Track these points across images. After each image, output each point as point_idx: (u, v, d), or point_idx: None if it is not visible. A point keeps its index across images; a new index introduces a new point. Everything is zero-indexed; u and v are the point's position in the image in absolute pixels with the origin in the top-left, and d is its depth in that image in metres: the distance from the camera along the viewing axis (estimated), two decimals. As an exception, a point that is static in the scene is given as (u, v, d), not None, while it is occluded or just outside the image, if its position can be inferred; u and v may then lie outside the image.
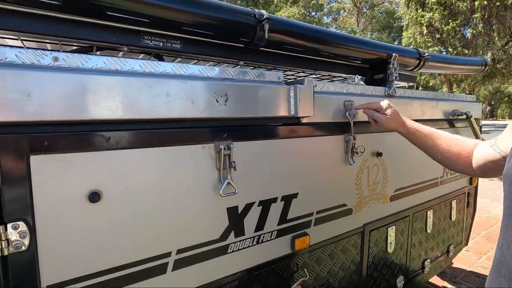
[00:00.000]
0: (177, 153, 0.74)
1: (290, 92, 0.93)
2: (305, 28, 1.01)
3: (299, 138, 0.99)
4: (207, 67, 0.80)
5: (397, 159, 1.34)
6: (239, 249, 0.87)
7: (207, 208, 0.80)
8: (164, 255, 0.74)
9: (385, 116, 1.04)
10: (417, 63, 1.48)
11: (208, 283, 0.82)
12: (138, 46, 0.82)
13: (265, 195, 0.91)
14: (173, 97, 0.72)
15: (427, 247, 1.62)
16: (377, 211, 1.29)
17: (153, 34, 0.82)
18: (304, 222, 1.02)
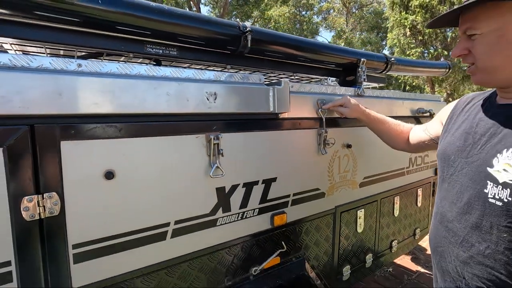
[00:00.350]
0: (175, 141, 0.91)
1: (269, 92, 1.11)
2: (283, 38, 1.20)
3: (278, 131, 1.17)
4: (200, 71, 0.97)
5: (365, 151, 1.54)
6: (226, 223, 1.05)
7: (200, 187, 0.97)
8: (164, 225, 0.91)
9: (348, 109, 1.26)
10: (385, 66, 1.68)
11: (200, 250, 1.00)
12: (141, 53, 0.98)
13: (248, 178, 1.09)
14: (172, 96, 0.88)
15: (394, 229, 1.83)
16: (347, 195, 1.49)
17: (154, 43, 0.99)
18: (282, 202, 1.21)
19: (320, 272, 1.40)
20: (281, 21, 19.15)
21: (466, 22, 0.72)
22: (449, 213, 0.79)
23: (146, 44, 0.97)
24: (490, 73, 0.72)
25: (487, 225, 0.69)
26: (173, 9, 0.93)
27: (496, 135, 0.71)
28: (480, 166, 0.71)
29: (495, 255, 0.68)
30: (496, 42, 0.68)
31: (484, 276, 0.70)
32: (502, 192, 0.66)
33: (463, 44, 0.74)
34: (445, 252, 0.80)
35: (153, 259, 0.90)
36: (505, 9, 0.66)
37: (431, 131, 1.08)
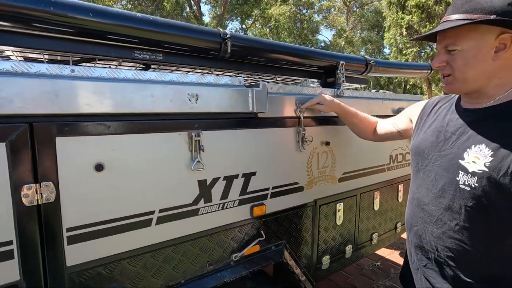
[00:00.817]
0: (159, 138, 1.01)
1: (248, 93, 1.21)
2: (261, 43, 1.30)
3: (257, 129, 1.27)
4: (182, 75, 1.08)
5: (344, 148, 1.64)
6: (208, 212, 1.15)
7: (182, 179, 1.07)
8: (149, 213, 1.01)
9: (324, 105, 1.39)
10: (365, 68, 1.78)
11: (183, 236, 1.10)
12: (130, 58, 1.08)
13: (229, 172, 1.19)
14: (156, 97, 0.99)
15: (374, 223, 1.93)
16: (326, 190, 1.59)
17: (141, 49, 1.09)
18: (262, 194, 1.31)
19: (299, 260, 1.51)
20: (281, 20, 19.21)
21: (447, 39, 0.83)
22: (425, 197, 0.94)
23: (134, 50, 1.07)
24: (464, 83, 0.84)
25: (457, 206, 0.84)
26: (157, 18, 1.03)
27: (464, 134, 0.85)
28: (453, 158, 0.85)
29: (462, 229, 0.83)
30: (472, 57, 0.80)
31: (453, 247, 0.86)
32: (471, 179, 0.79)
33: (442, 57, 0.85)
34: (421, 230, 0.95)
35: (139, 243, 1.01)
36: (480, 31, 0.78)
37: (399, 125, 1.27)
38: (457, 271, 0.86)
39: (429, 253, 0.93)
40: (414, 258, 1.01)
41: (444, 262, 0.89)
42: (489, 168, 0.76)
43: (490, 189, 0.76)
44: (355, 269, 2.83)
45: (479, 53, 0.79)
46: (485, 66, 0.80)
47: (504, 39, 0.77)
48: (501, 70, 0.81)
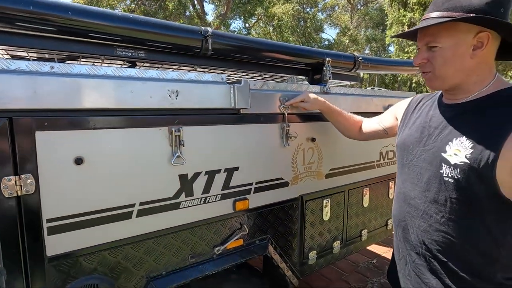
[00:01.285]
0: (139, 133, 1.04)
1: (230, 89, 1.23)
2: (243, 40, 1.32)
3: (240, 124, 1.29)
4: (163, 72, 1.10)
5: (331, 145, 1.65)
6: (189, 206, 1.18)
7: (163, 173, 1.10)
8: (130, 206, 1.04)
9: (308, 103, 1.39)
10: (353, 65, 1.78)
11: (164, 229, 1.13)
12: (112, 55, 1.11)
13: (211, 166, 1.22)
14: (135, 93, 1.02)
15: (364, 219, 1.94)
16: (313, 185, 1.60)
17: (123, 47, 1.12)
18: (245, 189, 1.33)
19: (285, 255, 1.53)
20: (284, 19, 19.17)
21: (428, 36, 0.85)
22: (412, 192, 0.96)
23: (116, 47, 1.10)
24: (444, 79, 0.86)
25: (442, 198, 0.86)
26: (137, 17, 1.06)
27: (446, 128, 0.88)
28: (436, 152, 0.88)
29: (448, 222, 0.86)
30: (451, 55, 0.82)
31: (440, 240, 0.88)
32: (454, 171, 0.82)
33: (423, 54, 0.87)
34: (408, 224, 0.97)
35: (119, 235, 1.04)
36: (460, 29, 0.81)
37: (384, 123, 1.29)
38: (444, 264, 0.88)
39: (417, 248, 0.95)
40: (403, 254, 1.03)
41: (431, 256, 0.91)
42: (470, 159, 0.78)
43: (472, 180, 0.79)
44: (350, 266, 2.84)
45: (457, 50, 0.81)
46: (463, 63, 0.82)
47: (481, 38, 0.79)
48: (478, 68, 0.84)
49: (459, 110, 0.88)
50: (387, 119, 1.29)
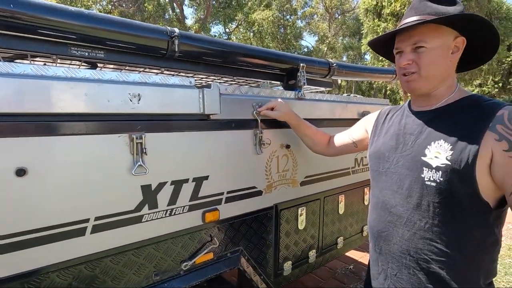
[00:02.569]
0: (95, 140, 0.94)
1: (199, 94, 1.16)
2: (212, 42, 1.26)
3: (210, 131, 1.22)
4: (123, 74, 1.01)
5: (306, 151, 1.61)
6: (153, 219, 1.09)
7: (122, 185, 1.01)
8: (83, 221, 0.94)
9: (277, 112, 1.34)
10: (328, 71, 1.77)
11: (124, 245, 1.03)
12: (66, 55, 1.01)
13: (177, 176, 1.14)
14: (90, 97, 0.92)
15: (340, 226, 1.92)
16: (287, 194, 1.56)
17: (79, 45, 1.02)
18: (215, 199, 1.26)
19: (259, 267, 1.46)
20: (264, 25, 19.36)
21: (416, 36, 0.86)
22: (392, 200, 0.94)
23: (70, 46, 1.00)
24: (427, 81, 0.88)
25: (425, 204, 0.86)
26: (94, 13, 0.97)
27: (422, 133, 0.90)
28: (415, 156, 0.89)
29: (432, 227, 0.85)
30: (437, 56, 0.85)
31: (425, 248, 0.86)
32: (436, 174, 0.83)
33: (409, 56, 0.88)
34: (390, 235, 0.94)
35: (70, 254, 0.93)
36: (443, 32, 0.84)
37: (354, 136, 1.29)
38: (430, 273, 0.86)
39: (401, 259, 0.92)
40: (382, 267, 0.99)
41: (416, 266, 0.89)
42: (451, 161, 0.80)
43: (454, 182, 0.80)
44: (327, 273, 2.82)
45: (442, 52, 0.85)
46: (445, 65, 0.86)
47: (458, 42, 0.86)
48: (451, 72, 0.90)
49: (432, 115, 0.91)
50: (357, 132, 1.28)
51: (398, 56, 0.93)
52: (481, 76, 7.64)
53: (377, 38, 1.00)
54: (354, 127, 1.32)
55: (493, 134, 0.77)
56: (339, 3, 23.13)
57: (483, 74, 7.45)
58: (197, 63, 1.32)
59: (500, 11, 6.47)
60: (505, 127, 0.76)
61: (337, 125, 1.75)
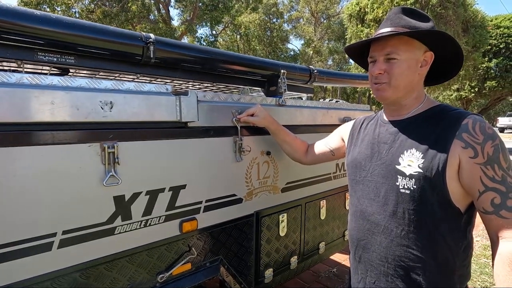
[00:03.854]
0: (62, 150, 0.90)
1: (176, 101, 1.13)
2: (189, 48, 1.24)
3: (187, 139, 1.19)
4: (95, 80, 0.98)
5: (287, 157, 1.61)
6: (127, 231, 1.05)
7: (93, 196, 0.96)
8: (49, 235, 0.89)
9: (257, 118, 1.34)
10: (309, 77, 1.78)
11: (95, 259, 0.99)
12: (32, 60, 0.96)
13: (153, 185, 1.10)
14: (57, 105, 0.88)
15: (321, 232, 1.93)
16: (268, 201, 1.55)
17: (47, 51, 0.97)
18: (193, 208, 1.23)
19: (239, 275, 1.44)
20: (251, 28, 19.43)
21: (389, 47, 0.89)
22: (370, 208, 0.96)
23: (37, 51, 0.96)
24: (396, 90, 0.91)
25: (401, 211, 0.88)
26: (61, 17, 0.93)
27: (395, 142, 0.93)
28: (389, 165, 0.91)
29: (408, 234, 0.87)
30: (407, 67, 0.88)
31: (402, 255, 0.88)
32: (409, 182, 0.86)
33: (382, 65, 0.91)
34: (369, 243, 0.96)
35: (35, 271, 0.88)
36: (414, 45, 0.88)
37: (331, 144, 1.31)
38: (407, 280, 0.87)
39: (379, 267, 0.93)
40: (361, 276, 1.00)
41: (394, 274, 0.90)
42: (422, 169, 0.83)
43: (426, 189, 0.83)
44: (311, 276, 2.83)
45: (412, 65, 0.89)
46: (413, 77, 0.90)
47: (427, 56, 0.90)
48: (418, 84, 0.93)
49: (403, 125, 0.94)
50: (334, 140, 1.31)
51: (372, 64, 0.95)
52: (458, 81, 7.95)
53: (353, 44, 1.03)
54: (330, 136, 1.34)
55: (460, 142, 0.81)
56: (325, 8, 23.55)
57: (460, 80, 7.75)
58: (174, 69, 1.29)
59: (476, 19, 6.76)
60: (470, 135, 0.80)
61: (318, 131, 1.76)
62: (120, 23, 14.08)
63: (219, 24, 18.28)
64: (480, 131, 0.80)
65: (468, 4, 6.55)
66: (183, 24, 17.53)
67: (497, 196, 0.77)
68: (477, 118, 0.83)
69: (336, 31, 23.27)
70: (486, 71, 9.66)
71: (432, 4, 5.89)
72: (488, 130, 0.80)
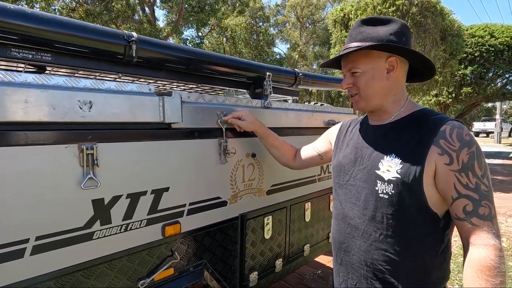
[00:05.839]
0: (36, 151, 0.86)
1: (159, 102, 1.11)
2: (174, 48, 1.22)
3: (171, 140, 1.17)
4: (74, 79, 0.94)
5: (272, 160, 1.60)
6: (106, 236, 1.01)
7: (70, 200, 0.92)
8: (21, 242, 0.84)
9: (245, 122, 1.32)
10: (294, 80, 1.80)
11: (71, 266, 0.94)
12: (5, 57, 0.91)
13: (134, 188, 1.07)
14: (32, 104, 0.84)
15: (306, 234, 1.94)
16: (253, 203, 1.54)
17: (21, 47, 0.93)
18: (176, 212, 1.20)
19: (223, 280, 1.42)
20: (237, 31, 19.45)
21: (350, 63, 0.94)
22: (351, 212, 0.97)
23: (10, 47, 0.91)
24: (368, 100, 0.94)
25: (379, 215, 0.89)
26: (37, 12, 0.89)
27: (377, 147, 0.95)
28: (370, 170, 0.93)
29: (386, 238, 0.88)
30: (371, 78, 0.92)
31: (380, 258, 0.89)
32: (388, 187, 0.87)
33: (348, 80, 0.96)
34: (350, 246, 0.97)
35: (5, 280, 0.82)
36: (373, 56, 0.91)
37: (319, 148, 1.31)
38: (386, 283, 0.88)
39: (359, 270, 0.94)
40: (343, 278, 1.01)
41: (373, 277, 0.91)
42: (400, 174, 0.84)
43: (404, 194, 0.84)
44: (296, 279, 2.83)
45: (375, 74, 0.91)
46: (381, 84, 0.92)
47: (391, 62, 0.91)
48: (393, 88, 0.94)
49: (385, 130, 0.96)
50: (321, 144, 1.32)
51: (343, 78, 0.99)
52: (437, 87, 8.26)
53: (326, 62, 1.07)
54: (318, 140, 1.34)
55: (436, 148, 0.82)
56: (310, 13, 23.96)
57: (438, 85, 8.06)
58: (158, 69, 1.26)
59: (453, 28, 7.06)
60: (446, 142, 0.81)
61: (303, 134, 1.78)
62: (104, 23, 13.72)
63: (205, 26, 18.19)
64: (457, 138, 0.81)
65: (446, 14, 6.84)
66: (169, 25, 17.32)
67: (469, 203, 0.78)
68: (455, 125, 0.83)
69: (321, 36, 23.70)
70: (462, 77, 10.11)
71: (412, 13, 6.12)
72: (465, 137, 0.81)
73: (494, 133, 19.41)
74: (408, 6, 6.14)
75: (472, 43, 9.67)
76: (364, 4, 6.76)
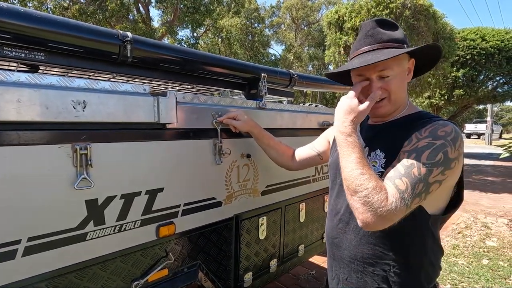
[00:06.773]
0: (29, 151, 0.85)
1: (154, 102, 1.10)
2: (169, 49, 1.21)
3: (165, 141, 1.16)
4: (68, 79, 0.93)
5: (267, 160, 1.61)
6: (99, 237, 1.00)
7: (63, 200, 0.91)
8: (12, 243, 0.83)
9: (240, 122, 1.32)
10: (289, 81, 1.81)
11: (64, 267, 0.93)
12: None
13: (128, 189, 1.06)
14: (25, 103, 0.83)
15: (301, 234, 1.95)
16: (248, 204, 1.54)
17: (14, 46, 0.92)
18: (171, 212, 1.20)
19: (218, 280, 1.42)
20: (233, 32, 19.46)
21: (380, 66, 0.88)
22: (342, 207, 0.99)
23: (3, 46, 0.90)
24: (395, 103, 0.93)
25: None
26: (30, 11, 0.88)
27: (368, 143, 0.97)
28: None
29: (375, 233, 0.90)
30: (401, 80, 0.92)
31: (370, 252, 0.91)
32: None
33: (378, 83, 0.91)
34: (341, 241, 0.98)
35: (-4, 281, 0.81)
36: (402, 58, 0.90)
37: (318, 148, 1.32)
38: (376, 276, 0.90)
39: (350, 264, 0.96)
40: (335, 272, 1.03)
41: (363, 271, 0.93)
42: (384, 168, 0.86)
43: None
44: (291, 279, 2.84)
45: (403, 76, 0.93)
46: (405, 86, 0.95)
47: (410, 64, 0.94)
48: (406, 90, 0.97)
49: (379, 128, 0.98)
50: (320, 143, 1.32)
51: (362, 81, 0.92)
52: (429, 89, 8.37)
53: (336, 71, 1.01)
54: (317, 140, 1.35)
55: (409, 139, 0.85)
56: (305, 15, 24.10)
57: (431, 88, 8.17)
58: (153, 69, 1.26)
59: (445, 31, 7.17)
60: (418, 133, 0.84)
61: (298, 135, 1.79)
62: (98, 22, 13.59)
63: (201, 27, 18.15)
64: (429, 131, 0.82)
65: (438, 17, 6.95)
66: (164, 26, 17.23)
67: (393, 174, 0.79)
68: (439, 122, 0.84)
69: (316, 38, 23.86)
70: (454, 80, 10.27)
71: (405, 16, 6.20)
72: (439, 132, 0.80)
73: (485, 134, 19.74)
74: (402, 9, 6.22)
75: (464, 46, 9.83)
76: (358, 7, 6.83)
